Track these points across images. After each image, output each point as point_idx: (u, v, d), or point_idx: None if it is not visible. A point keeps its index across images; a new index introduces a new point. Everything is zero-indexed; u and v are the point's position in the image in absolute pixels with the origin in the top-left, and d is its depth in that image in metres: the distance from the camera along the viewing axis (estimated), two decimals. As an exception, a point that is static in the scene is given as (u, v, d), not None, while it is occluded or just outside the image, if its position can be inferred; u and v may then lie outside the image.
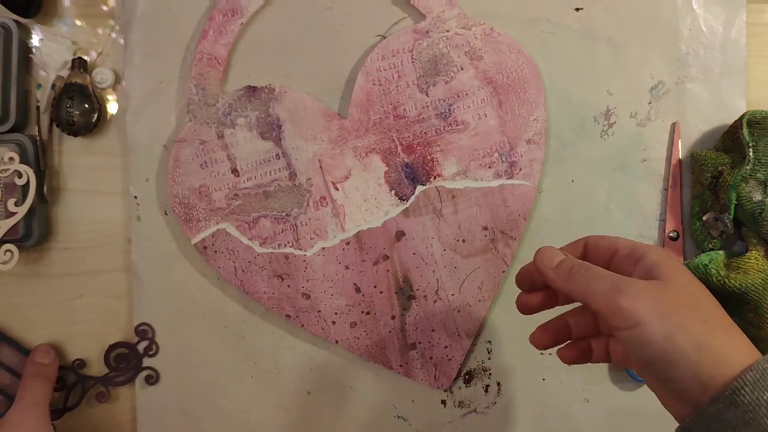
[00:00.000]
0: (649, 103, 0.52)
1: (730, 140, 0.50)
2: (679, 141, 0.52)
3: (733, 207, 0.48)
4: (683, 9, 0.52)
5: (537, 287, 0.41)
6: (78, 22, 0.54)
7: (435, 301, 0.52)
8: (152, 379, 0.53)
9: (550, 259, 0.39)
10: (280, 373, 0.54)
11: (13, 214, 0.50)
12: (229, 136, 0.51)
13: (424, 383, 0.53)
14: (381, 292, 0.52)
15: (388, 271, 0.52)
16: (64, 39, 0.53)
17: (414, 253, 0.52)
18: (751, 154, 0.47)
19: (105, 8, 0.54)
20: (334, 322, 0.52)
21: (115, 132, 0.54)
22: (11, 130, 0.52)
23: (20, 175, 0.50)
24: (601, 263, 0.39)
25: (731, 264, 0.48)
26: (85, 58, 0.53)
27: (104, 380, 0.53)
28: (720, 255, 0.49)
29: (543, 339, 0.41)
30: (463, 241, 0.52)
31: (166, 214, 0.53)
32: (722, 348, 0.33)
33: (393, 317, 0.52)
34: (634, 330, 0.34)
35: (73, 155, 0.54)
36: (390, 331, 0.52)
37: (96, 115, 0.52)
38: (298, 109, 0.52)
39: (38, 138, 0.52)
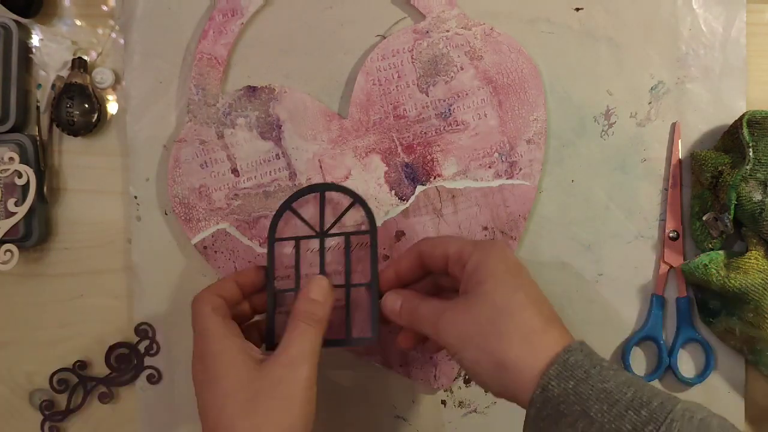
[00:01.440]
0: (649, 103, 0.52)
1: (730, 140, 0.50)
2: (679, 141, 0.52)
3: (733, 207, 0.48)
4: (683, 9, 0.52)
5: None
6: (78, 22, 0.54)
7: (435, 301, 0.52)
8: (154, 377, 0.53)
9: (391, 307, 0.43)
10: (281, 373, 0.54)
11: (13, 214, 0.50)
12: (229, 136, 0.51)
13: (424, 383, 0.53)
14: (381, 292, 0.52)
15: (388, 271, 0.52)
16: (64, 39, 0.53)
17: (414, 253, 0.52)
18: (751, 154, 0.47)
19: (105, 8, 0.54)
20: (334, 322, 0.52)
21: (115, 132, 0.54)
22: (11, 130, 0.52)
23: (20, 175, 0.50)
24: (439, 270, 0.42)
25: (731, 264, 0.48)
26: (85, 58, 0.53)
27: (106, 381, 0.53)
28: (720, 255, 0.49)
29: (405, 343, 0.45)
30: (463, 241, 0.52)
31: (166, 214, 0.53)
32: (521, 359, 0.36)
33: (393, 317, 0.52)
34: (454, 359, 0.38)
35: (73, 155, 0.54)
36: (390, 331, 0.52)
37: (96, 115, 0.52)
38: (298, 109, 0.51)
39: (38, 138, 0.52)
